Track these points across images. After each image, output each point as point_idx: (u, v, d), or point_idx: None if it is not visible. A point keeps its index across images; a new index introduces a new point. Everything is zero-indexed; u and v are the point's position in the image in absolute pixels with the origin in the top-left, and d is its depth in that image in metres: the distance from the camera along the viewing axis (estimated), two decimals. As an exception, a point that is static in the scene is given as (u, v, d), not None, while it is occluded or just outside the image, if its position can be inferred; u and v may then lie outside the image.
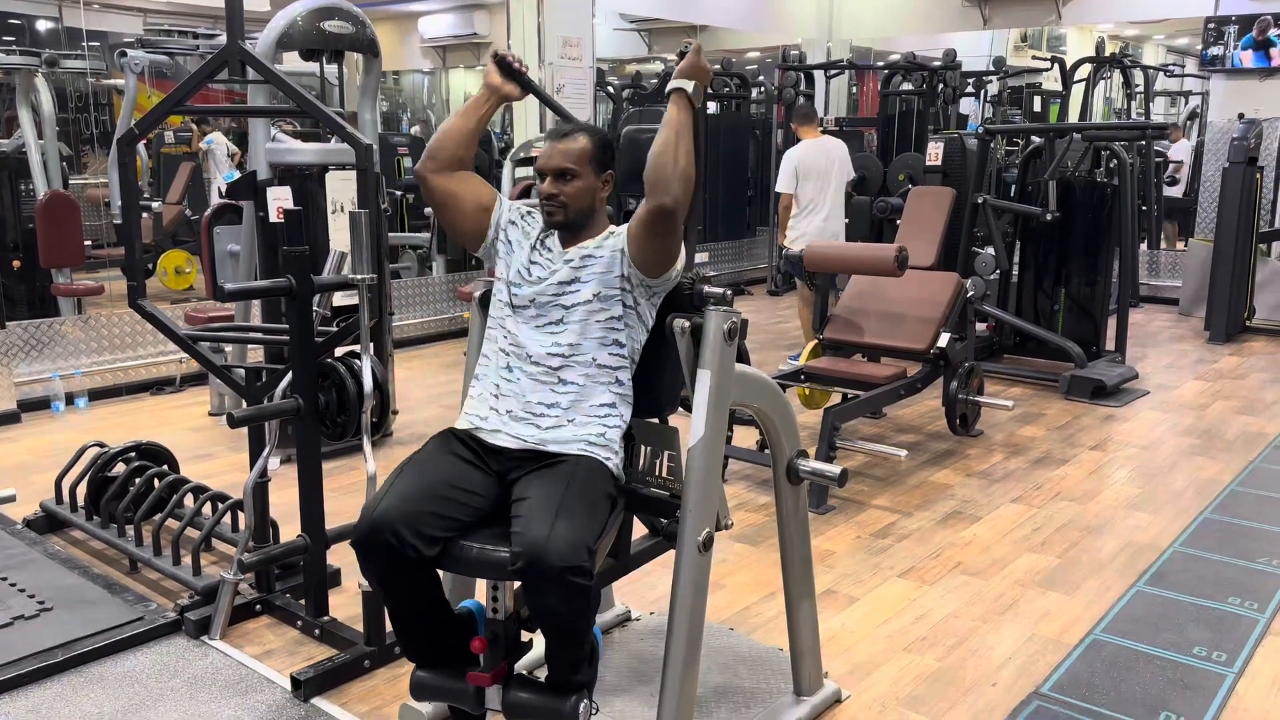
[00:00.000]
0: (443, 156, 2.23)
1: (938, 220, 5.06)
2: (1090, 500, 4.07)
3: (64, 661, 2.70)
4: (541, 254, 2.21)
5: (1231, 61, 7.99)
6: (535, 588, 1.85)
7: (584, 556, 1.83)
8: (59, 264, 6.12)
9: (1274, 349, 7.08)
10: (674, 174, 2.00)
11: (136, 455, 3.57)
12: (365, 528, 1.93)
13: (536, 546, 1.81)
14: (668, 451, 2.24)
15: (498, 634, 2.05)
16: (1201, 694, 2.63)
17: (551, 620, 1.91)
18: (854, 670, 2.73)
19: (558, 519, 1.85)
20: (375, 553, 1.93)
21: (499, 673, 2.03)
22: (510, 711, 2.03)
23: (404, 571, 1.95)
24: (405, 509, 1.92)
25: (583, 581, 1.82)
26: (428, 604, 2.04)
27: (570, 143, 2.16)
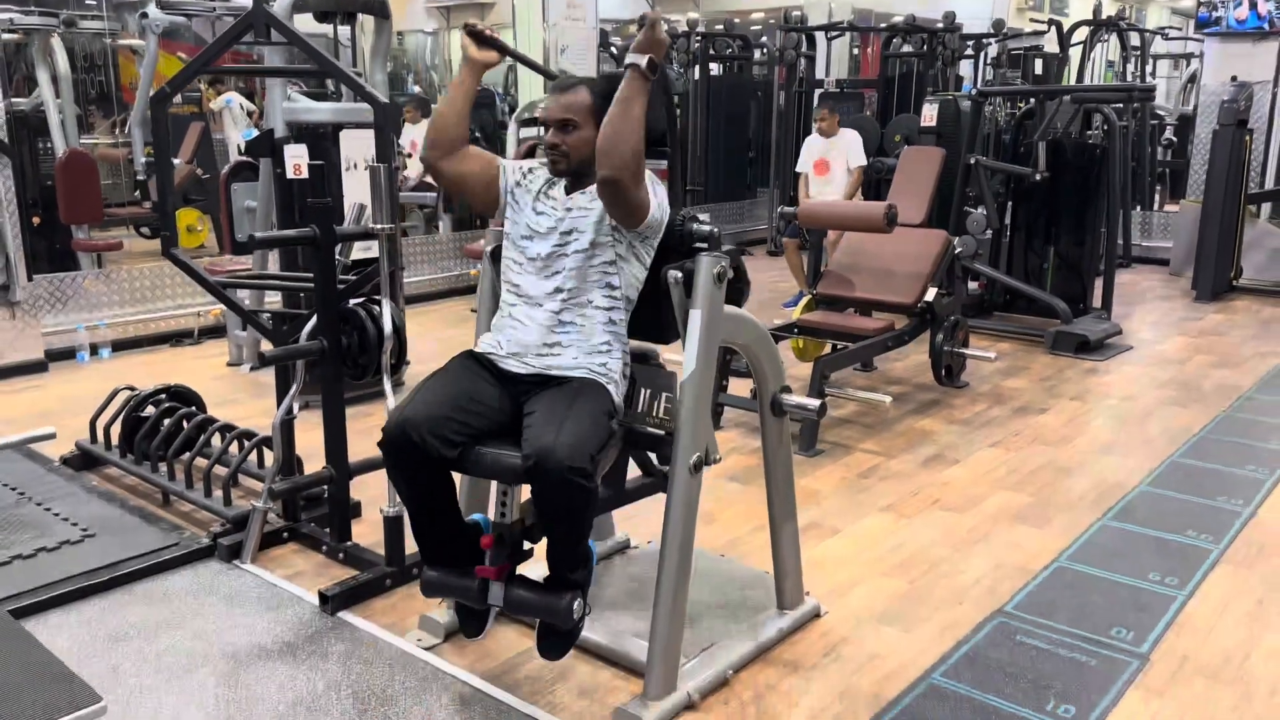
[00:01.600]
0: (444, 142, 2.39)
1: (928, 179, 5.24)
2: (1066, 445, 4.30)
3: (108, 581, 2.95)
4: (545, 202, 2.40)
5: (1227, 22, 8.09)
6: (543, 485, 2.08)
7: (586, 460, 2.06)
8: (78, 220, 6.33)
9: (1258, 307, 7.28)
10: (617, 147, 2.13)
11: (167, 397, 3.80)
12: (393, 428, 2.17)
13: (545, 448, 2.05)
14: (665, 393, 2.45)
15: (504, 536, 2.27)
16: (1152, 613, 2.87)
17: (555, 517, 2.14)
18: (833, 590, 2.97)
19: (564, 427, 2.09)
20: (401, 450, 2.16)
21: (503, 569, 2.25)
22: (510, 606, 2.26)
23: (425, 470, 2.18)
24: (429, 414, 2.15)
25: (585, 482, 2.06)
26: (443, 506, 2.27)
27: (571, 96, 2.30)
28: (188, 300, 5.96)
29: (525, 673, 2.54)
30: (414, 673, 2.53)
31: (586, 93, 2.31)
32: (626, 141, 2.13)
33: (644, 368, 2.48)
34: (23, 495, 3.48)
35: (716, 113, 9.81)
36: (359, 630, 2.73)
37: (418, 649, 2.63)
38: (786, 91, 9.50)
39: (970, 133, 6.25)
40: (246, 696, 2.43)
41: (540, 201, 2.40)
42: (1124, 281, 7.77)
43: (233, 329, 5.44)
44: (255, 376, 5.21)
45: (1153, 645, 2.70)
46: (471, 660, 2.59)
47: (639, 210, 2.25)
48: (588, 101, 2.30)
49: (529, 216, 2.40)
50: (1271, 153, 8.23)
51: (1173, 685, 2.52)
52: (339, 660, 2.58)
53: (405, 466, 2.20)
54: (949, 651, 2.66)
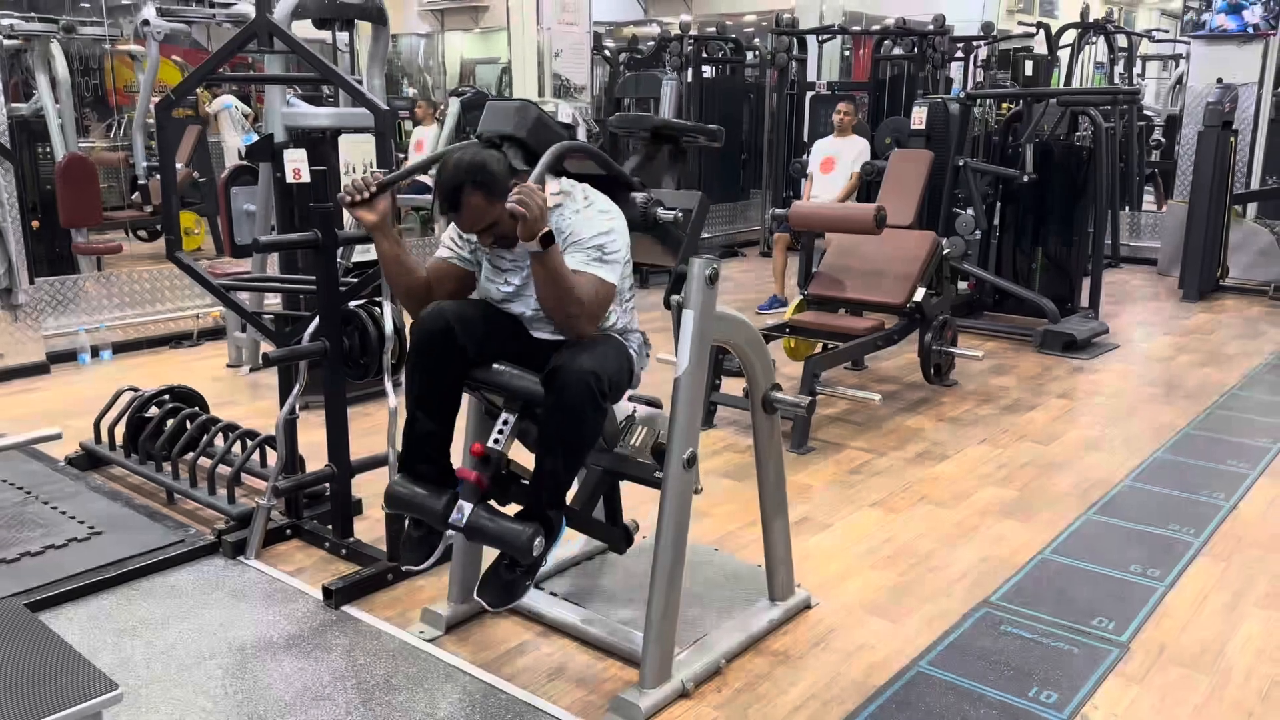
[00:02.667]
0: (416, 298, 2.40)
1: (917, 182, 5.33)
2: (1052, 442, 4.39)
3: (116, 577, 3.02)
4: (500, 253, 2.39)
5: (1209, 25, 8.21)
6: (561, 389, 2.17)
7: (604, 383, 2.17)
8: (78, 224, 6.39)
9: (1244, 306, 7.39)
10: (566, 317, 2.22)
11: (170, 398, 3.87)
12: (432, 313, 2.27)
13: (570, 357, 2.18)
14: (660, 430, 2.56)
15: (491, 457, 2.33)
16: (1132, 603, 2.96)
17: (560, 430, 2.21)
18: (824, 583, 3.05)
19: (588, 353, 2.21)
20: (432, 337, 2.25)
21: (481, 479, 2.29)
22: (471, 531, 2.27)
23: (448, 363, 2.27)
24: (468, 313, 2.30)
25: (597, 390, 2.16)
26: (444, 411, 2.34)
27: (465, 208, 2.21)
28: (187, 303, 6.02)
29: (525, 663, 2.62)
30: (416, 663, 2.60)
31: (473, 195, 2.20)
32: (568, 308, 2.21)
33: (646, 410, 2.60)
34: (30, 494, 3.54)
35: (709, 115, 9.87)
36: (362, 623, 2.81)
37: (420, 641, 2.71)
38: (778, 94, 9.60)
39: (959, 135, 6.34)
40: (254, 687, 2.50)
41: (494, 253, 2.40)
42: (1112, 281, 7.87)
43: (232, 331, 5.51)
44: (254, 378, 5.28)
45: (1133, 634, 2.78)
46: (473, 651, 2.66)
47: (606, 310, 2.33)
48: (480, 201, 2.21)
49: (489, 267, 2.44)
50: (1257, 154, 8.34)
51: (1151, 673, 2.60)
52: (343, 652, 2.66)
53: (431, 353, 2.28)
54: (936, 641, 2.74)
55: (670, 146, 2.77)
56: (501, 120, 2.34)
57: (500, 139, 2.31)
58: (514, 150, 2.29)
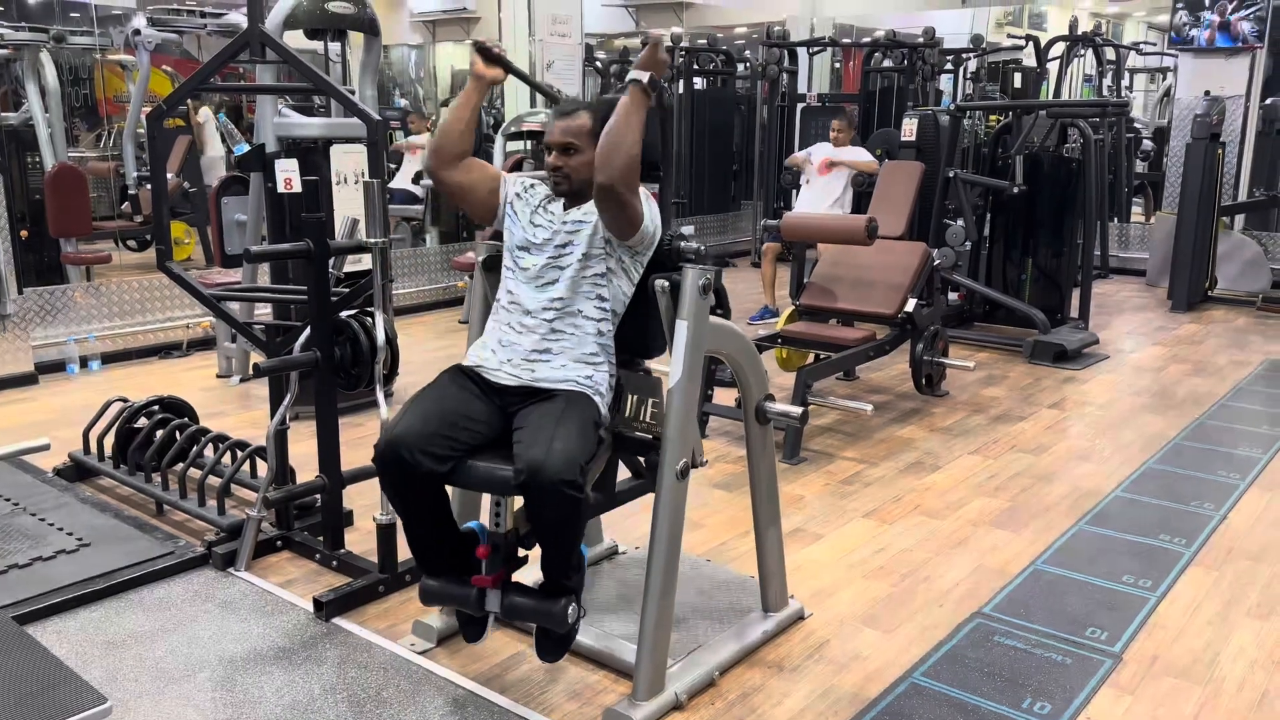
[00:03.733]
0: (447, 152, 2.49)
1: (908, 193, 5.34)
2: (1044, 452, 4.40)
3: (105, 589, 2.99)
4: (543, 216, 2.48)
5: (1197, 40, 8.27)
6: (535, 498, 2.15)
7: (576, 472, 2.13)
8: (67, 234, 6.37)
9: (1232, 317, 7.42)
10: (615, 155, 2.24)
11: (160, 408, 3.85)
12: (384, 446, 2.23)
13: (536, 462, 2.12)
14: (651, 399, 2.54)
15: (498, 545, 2.34)
16: (1125, 613, 2.96)
17: (548, 528, 2.21)
18: (817, 594, 3.05)
19: (554, 440, 2.16)
20: (392, 467, 2.23)
21: (498, 578, 2.32)
22: (508, 612, 2.33)
23: (417, 485, 2.25)
24: (420, 430, 2.22)
25: (575, 494, 2.13)
26: (437, 518, 2.34)
27: (572, 120, 2.40)
28: (177, 313, 6.00)
29: (517, 675, 2.60)
30: (408, 676, 2.59)
31: (587, 117, 2.41)
32: (624, 150, 2.23)
33: (630, 374, 2.56)
34: (17, 506, 3.51)
35: (700, 126, 9.92)
36: (353, 636, 2.79)
37: (411, 653, 2.69)
38: (769, 105, 9.63)
39: (949, 147, 6.37)
40: (243, 700, 2.48)
41: (538, 215, 2.49)
42: (1101, 292, 7.91)
43: (222, 341, 5.49)
44: (244, 388, 5.26)
45: (1125, 645, 2.79)
46: (464, 663, 2.65)
47: (633, 220, 2.34)
48: (588, 125, 2.40)
49: (526, 229, 2.48)
50: (1244, 165, 8.40)
51: (1144, 683, 2.61)
52: (334, 665, 2.64)
53: (398, 484, 2.26)
54: (929, 652, 2.74)
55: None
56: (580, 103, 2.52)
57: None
58: None
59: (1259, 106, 8.36)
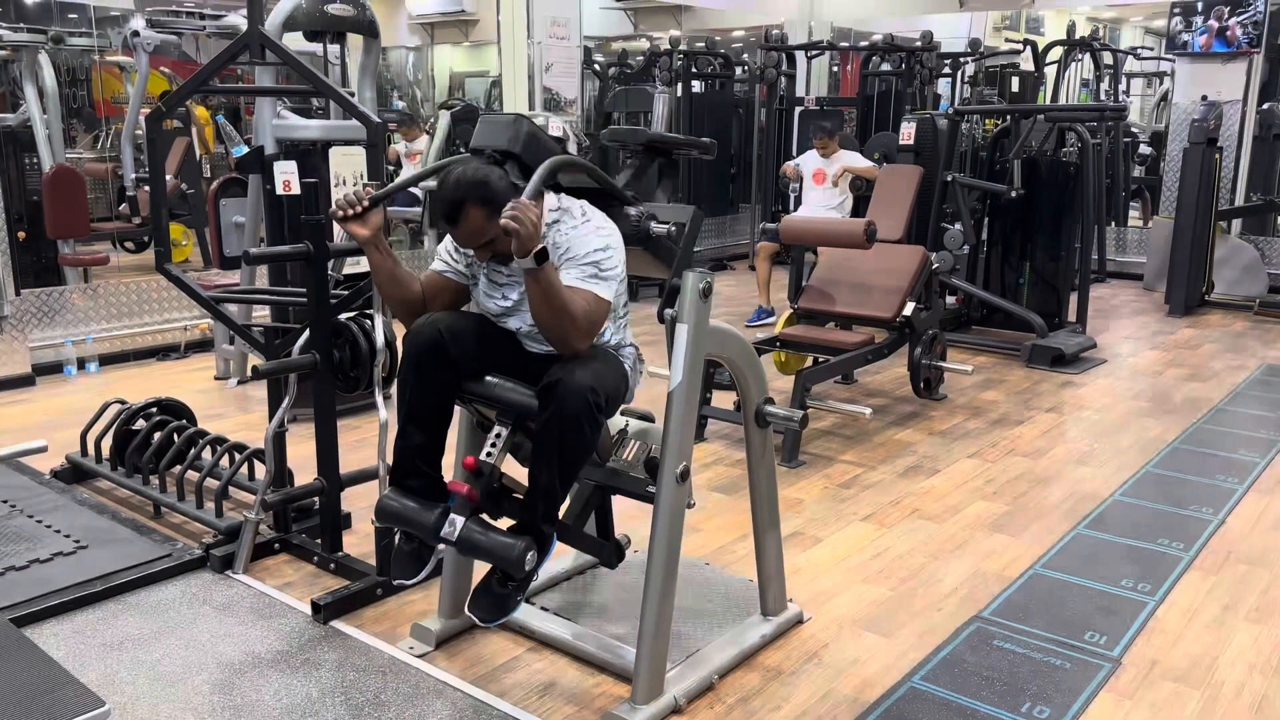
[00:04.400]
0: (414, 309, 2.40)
1: (906, 197, 5.35)
2: (1042, 456, 4.40)
3: (102, 591, 2.99)
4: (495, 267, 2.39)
5: (1192, 45, 8.30)
6: (554, 401, 2.16)
7: (600, 397, 2.17)
8: (65, 235, 6.36)
9: (1229, 321, 7.43)
10: (560, 334, 2.19)
11: (157, 410, 3.84)
12: (424, 325, 2.26)
13: (565, 374, 2.16)
14: (653, 445, 2.55)
15: (484, 471, 2.30)
16: (1124, 618, 2.96)
17: (553, 440, 2.19)
18: (816, 597, 3.05)
19: (586, 371, 2.19)
20: (424, 349, 2.24)
21: (474, 493, 2.26)
22: (464, 544, 2.24)
23: (439, 377, 2.26)
24: (461, 326, 2.29)
25: (594, 406, 2.15)
26: (436, 422, 2.32)
27: (465, 223, 2.20)
28: (174, 315, 5.99)
29: (515, 679, 2.60)
30: (406, 679, 2.58)
31: (473, 210, 2.19)
32: (562, 325, 2.18)
33: (639, 425, 2.60)
34: (14, 508, 3.51)
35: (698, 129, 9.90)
36: (351, 638, 2.78)
37: (410, 656, 2.68)
38: (767, 109, 9.63)
39: (947, 150, 6.37)
40: (241, 703, 2.47)
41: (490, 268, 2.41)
42: (1099, 296, 7.92)
43: (219, 343, 5.48)
44: (242, 390, 5.26)
45: (1124, 649, 2.79)
46: (463, 666, 2.64)
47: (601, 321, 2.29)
48: (479, 218, 2.19)
49: (486, 281, 2.43)
50: (1241, 170, 8.41)
51: (1143, 688, 2.61)
52: (332, 668, 2.63)
53: (422, 362, 2.26)
54: (928, 656, 2.73)
55: (662, 160, 2.78)
56: (496, 135, 2.34)
57: (500, 155, 2.32)
58: (509, 165, 2.30)
59: (1256, 111, 8.37)
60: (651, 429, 2.62)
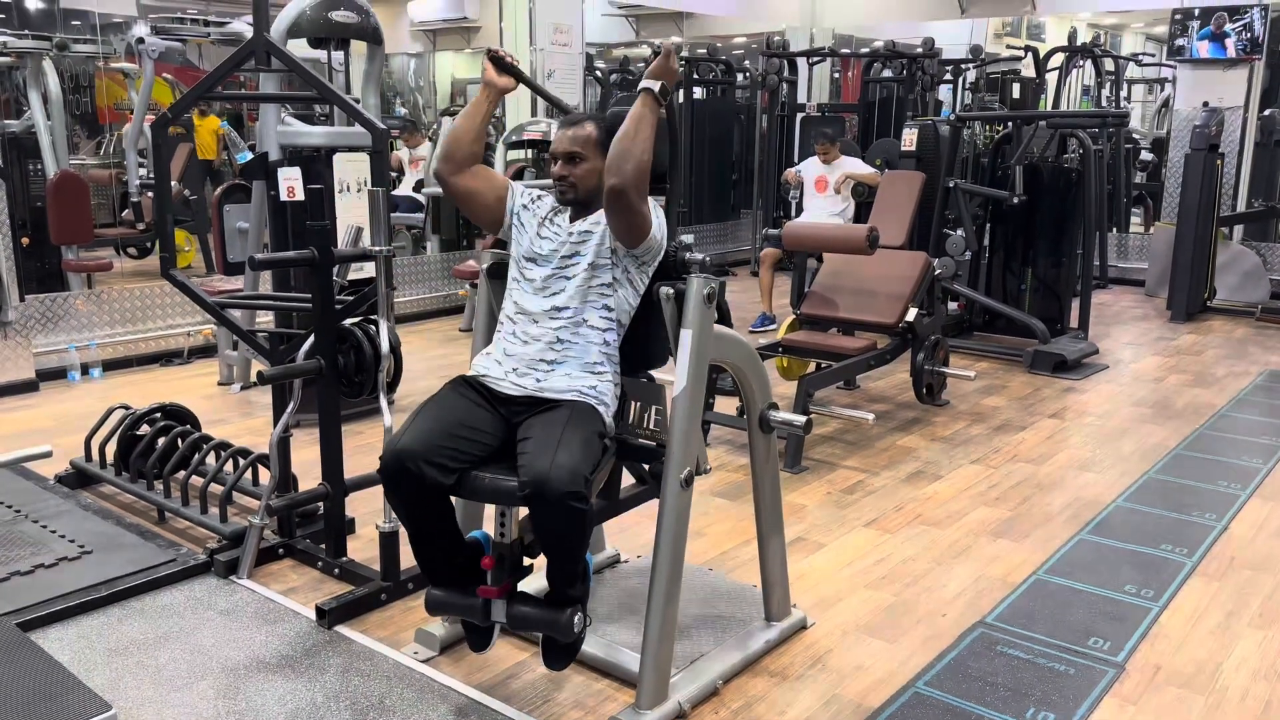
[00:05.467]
0: (458, 157, 2.50)
1: (908, 203, 5.36)
2: (1044, 462, 4.41)
3: (107, 596, 2.99)
4: (549, 228, 2.49)
5: (1191, 52, 8.32)
6: (540, 511, 2.16)
7: (581, 484, 2.13)
8: (69, 241, 6.37)
9: (1231, 327, 7.44)
10: (627, 159, 2.26)
11: (161, 415, 3.85)
12: (389, 457, 2.23)
13: (540, 475, 2.12)
14: (654, 406, 2.54)
15: (504, 555, 2.35)
16: (1127, 624, 2.96)
17: (553, 539, 2.21)
18: (819, 603, 3.05)
19: (558, 452, 2.15)
20: (398, 479, 2.23)
21: (505, 588, 2.33)
22: (514, 623, 2.33)
23: (423, 497, 2.25)
24: (425, 441, 2.22)
25: (580, 505, 2.13)
26: (442, 528, 2.33)
27: (579, 130, 2.43)
28: (178, 320, 6.00)
29: (520, 684, 2.60)
30: (411, 685, 2.58)
31: (593, 127, 2.43)
32: (634, 155, 2.26)
33: (634, 381, 2.57)
34: (19, 513, 3.51)
35: (700, 136, 9.94)
36: (356, 644, 2.78)
37: (415, 661, 2.69)
38: (769, 115, 9.66)
39: (949, 157, 6.39)
40: (246, 708, 2.48)
41: (545, 226, 2.50)
42: (1100, 302, 7.92)
43: (223, 349, 5.49)
44: (245, 396, 5.26)
45: (1128, 655, 2.79)
46: (467, 672, 2.65)
47: (642, 225, 2.35)
48: (594, 135, 2.42)
49: (533, 239, 2.49)
50: (1243, 176, 8.43)
51: (1147, 694, 2.61)
52: (337, 673, 2.64)
53: (403, 495, 2.26)
54: (932, 661, 2.74)
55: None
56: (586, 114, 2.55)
57: None
58: None
59: (1257, 117, 8.40)
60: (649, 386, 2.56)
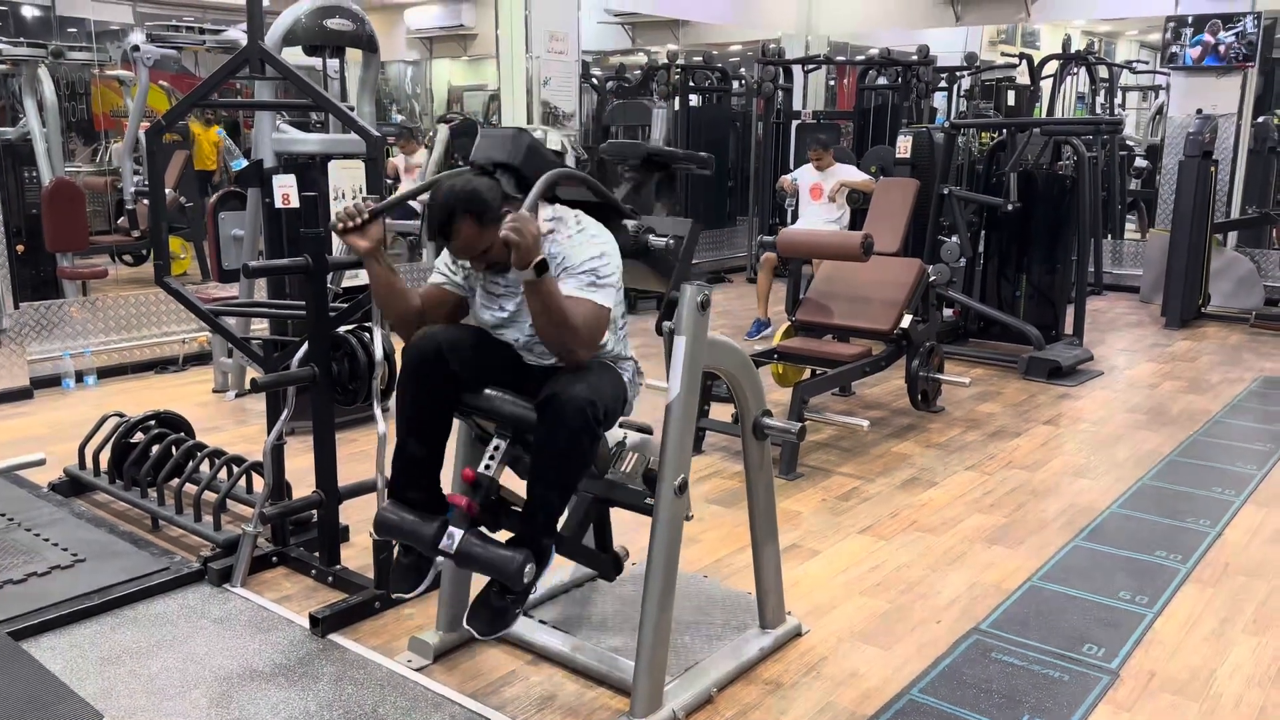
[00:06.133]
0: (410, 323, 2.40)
1: (903, 210, 5.37)
2: (1039, 468, 4.41)
3: (100, 605, 2.98)
4: (492, 279, 2.40)
5: (1184, 59, 8.35)
6: (549, 419, 2.17)
7: (599, 411, 2.17)
8: (64, 248, 6.37)
9: (1225, 334, 7.45)
10: (562, 344, 2.21)
11: (156, 423, 3.84)
12: (423, 338, 2.27)
13: (564, 388, 2.17)
14: (651, 456, 2.56)
15: (482, 482, 2.31)
16: (1122, 630, 2.96)
17: (552, 457, 2.21)
18: (814, 610, 3.05)
19: (579, 383, 2.20)
20: (424, 360, 2.25)
21: (472, 504, 2.27)
22: (462, 556, 2.25)
23: (439, 390, 2.27)
24: (460, 339, 2.30)
25: (594, 424, 2.16)
26: (435, 433, 2.33)
27: (458, 235, 2.21)
28: (173, 327, 6.00)
29: (514, 693, 2.59)
30: (404, 693, 2.58)
31: (465, 223, 2.21)
32: (564, 336, 2.20)
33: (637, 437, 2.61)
34: (12, 521, 3.50)
35: (696, 143, 9.94)
36: (349, 652, 2.78)
37: (408, 670, 2.68)
38: (765, 122, 9.68)
39: (944, 164, 6.40)
40: (239, 717, 2.47)
41: (487, 279, 2.41)
42: (1095, 309, 7.92)
43: (218, 356, 5.48)
44: (239, 403, 5.26)
45: (1122, 661, 2.79)
46: (461, 680, 2.64)
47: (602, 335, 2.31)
48: (474, 230, 2.21)
49: (483, 293, 2.44)
50: (1237, 183, 8.45)
51: (1141, 700, 2.60)
52: (330, 681, 2.63)
53: (422, 376, 2.27)
54: (927, 668, 2.73)
55: (661, 174, 2.79)
56: (495, 148, 2.34)
57: (493, 166, 2.31)
58: (507, 178, 2.30)
59: (1250, 125, 8.41)
60: (650, 440, 2.63)
